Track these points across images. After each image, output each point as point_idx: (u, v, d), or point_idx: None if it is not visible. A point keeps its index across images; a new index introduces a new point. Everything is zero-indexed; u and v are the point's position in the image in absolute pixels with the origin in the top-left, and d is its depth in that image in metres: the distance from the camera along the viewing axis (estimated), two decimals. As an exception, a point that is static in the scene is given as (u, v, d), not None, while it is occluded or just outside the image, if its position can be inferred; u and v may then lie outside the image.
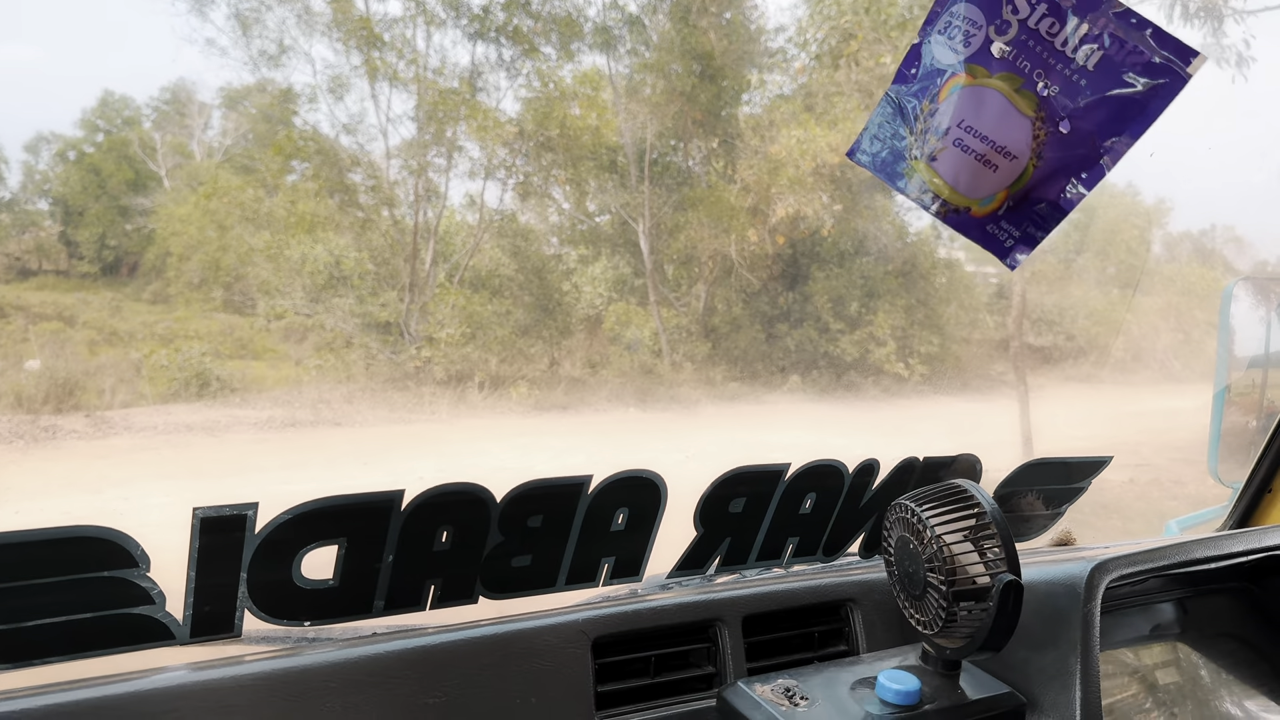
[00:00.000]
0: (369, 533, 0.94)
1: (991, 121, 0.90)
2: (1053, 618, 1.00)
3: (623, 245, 11.32)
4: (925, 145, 0.94)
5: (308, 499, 0.91)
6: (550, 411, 9.90)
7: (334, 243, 10.26)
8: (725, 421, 9.98)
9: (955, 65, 0.92)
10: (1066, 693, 0.96)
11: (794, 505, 1.19)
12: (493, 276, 10.98)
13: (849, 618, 1.16)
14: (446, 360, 10.08)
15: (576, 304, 11.21)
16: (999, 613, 0.88)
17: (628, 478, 1.05)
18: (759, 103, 11.48)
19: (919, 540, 0.94)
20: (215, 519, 0.86)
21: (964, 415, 10.59)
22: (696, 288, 11.37)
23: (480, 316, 10.45)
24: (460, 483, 0.97)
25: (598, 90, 11.10)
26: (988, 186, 0.93)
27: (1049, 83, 0.89)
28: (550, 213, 11.68)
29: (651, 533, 1.09)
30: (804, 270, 11.45)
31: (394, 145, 10.60)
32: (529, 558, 1.03)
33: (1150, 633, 1.24)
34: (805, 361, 11.15)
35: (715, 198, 11.08)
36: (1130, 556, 1.05)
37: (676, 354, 10.95)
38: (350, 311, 10.13)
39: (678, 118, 11.16)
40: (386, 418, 9.34)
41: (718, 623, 1.06)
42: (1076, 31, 0.86)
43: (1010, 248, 0.96)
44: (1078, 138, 0.89)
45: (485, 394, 9.99)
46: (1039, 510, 1.41)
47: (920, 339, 11.37)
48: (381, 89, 10.25)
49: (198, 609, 0.89)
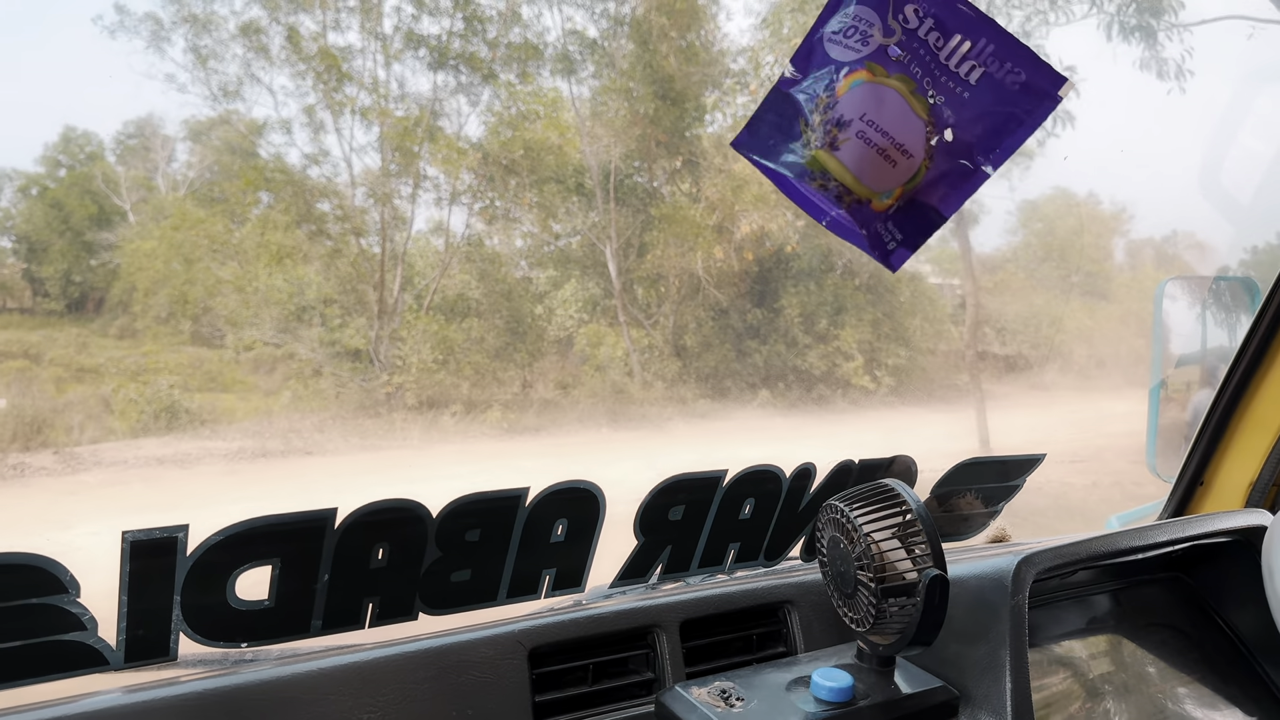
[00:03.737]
0: (303, 552, 0.93)
1: (891, 118, 0.92)
2: (983, 612, 1.01)
3: (591, 267, 11.37)
4: (825, 135, 0.95)
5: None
6: (523, 434, 9.90)
7: (300, 272, 10.22)
8: (697, 438, 10.03)
9: (855, 62, 0.93)
10: (998, 684, 0.97)
11: (733, 511, 1.19)
12: (462, 301, 10.98)
13: (786, 619, 1.16)
14: (418, 386, 10.07)
15: (547, 326, 11.23)
16: (926, 607, 0.89)
17: (565, 489, 1.05)
18: (722, 123, 11.61)
19: (849, 540, 0.95)
20: (145, 543, 0.85)
21: (931, 425, 10.70)
22: (665, 307, 11.43)
23: (451, 341, 10.46)
24: (395, 499, 0.96)
25: (560, 113, 11.18)
26: (887, 181, 0.95)
27: (935, 92, 0.91)
28: (518, 236, 11.74)
29: (592, 543, 1.09)
30: (771, 286, 11.55)
31: (359, 173, 10.63)
32: (468, 572, 1.03)
33: (1086, 625, 1.26)
34: (774, 376, 11.23)
35: (681, 216, 11.17)
36: (1056, 550, 1.07)
37: (647, 373, 10.99)
38: (320, 340, 10.09)
39: (641, 139, 11.25)
40: (358, 445, 9.30)
41: (655, 629, 1.06)
42: (959, 48, 0.89)
43: (893, 250, 0.98)
44: (959, 148, 0.92)
45: (458, 419, 9.96)
46: (977, 509, 1.42)
47: (887, 352, 11.50)
48: (344, 119, 10.28)
49: (131, 634, 0.87)
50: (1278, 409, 1.54)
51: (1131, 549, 1.14)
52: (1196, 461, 1.64)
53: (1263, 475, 1.58)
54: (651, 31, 10.93)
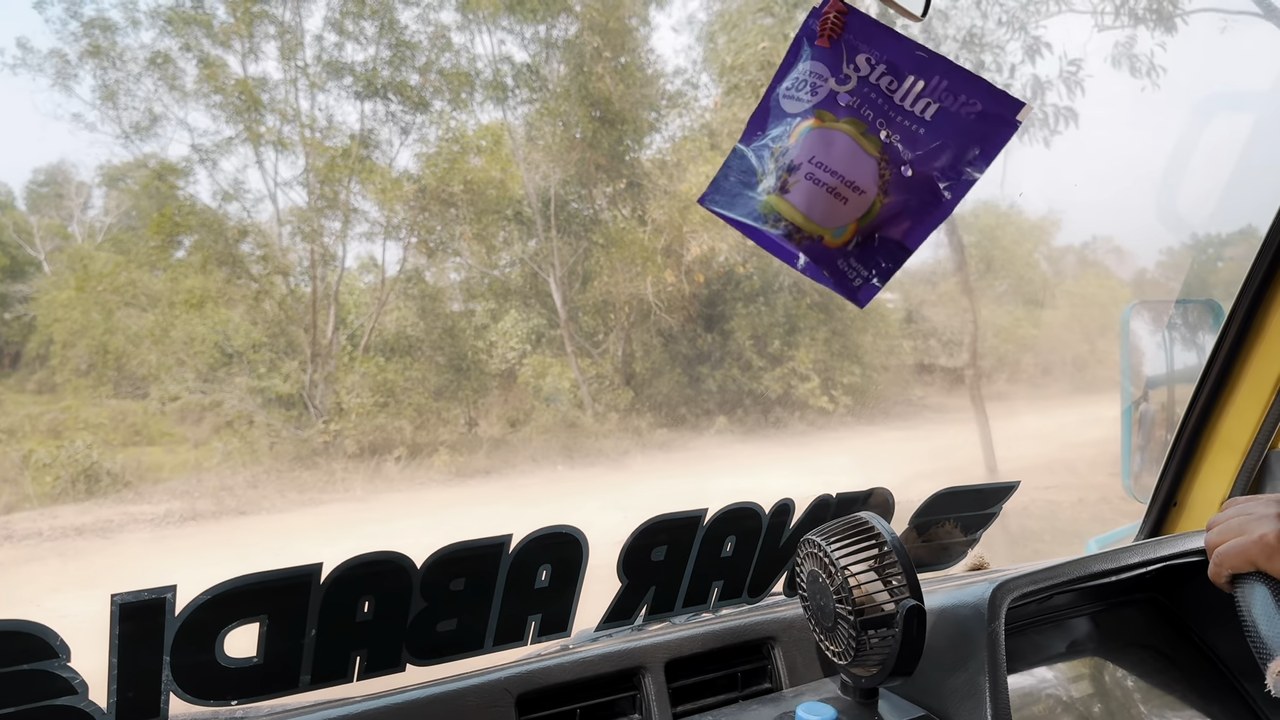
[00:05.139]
0: (289, 608, 0.99)
1: (840, 158, 1.01)
2: (962, 640, 1.10)
3: (535, 296, 11.40)
4: (777, 182, 1.04)
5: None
6: (473, 478, 9.83)
7: (223, 316, 10.12)
8: (658, 471, 10.04)
9: (805, 111, 1.03)
10: (978, 711, 1.04)
11: (715, 549, 1.28)
12: (400, 339, 10.93)
13: (770, 655, 1.24)
14: (358, 432, 9.97)
15: (491, 361, 11.20)
16: (905, 638, 0.97)
17: (548, 534, 1.13)
18: (662, 144, 11.81)
19: (827, 574, 1.03)
20: (134, 605, 0.91)
21: (896, 444, 10.88)
22: (613, 335, 11.49)
23: (391, 383, 10.39)
24: (378, 551, 1.03)
25: (499, 143, 11.25)
26: (839, 218, 1.03)
27: (890, 131, 1.01)
28: (458, 269, 11.71)
29: (576, 587, 1.17)
30: (722, 309, 11.69)
31: (284, 210, 10.56)
32: (454, 622, 1.09)
33: (1066, 649, 1.36)
34: (730, 402, 11.33)
35: (627, 240, 11.28)
36: (1030, 575, 1.16)
37: (599, 404, 11.01)
38: (248, 389, 9.96)
39: (580, 164, 11.37)
40: (296, 501, 9.13)
41: (641, 670, 1.14)
42: (913, 89, 0.99)
43: (859, 287, 1.06)
44: (919, 181, 1.01)
45: (403, 465, 9.87)
46: (955, 538, 1.53)
47: (842, 370, 11.70)
48: (266, 153, 10.24)
49: (122, 696, 0.93)
50: (1244, 428, 1.66)
51: (1104, 572, 1.24)
52: (1169, 483, 1.76)
53: (1233, 493, 1.68)
54: (585, 53, 11.10)
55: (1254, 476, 1.65)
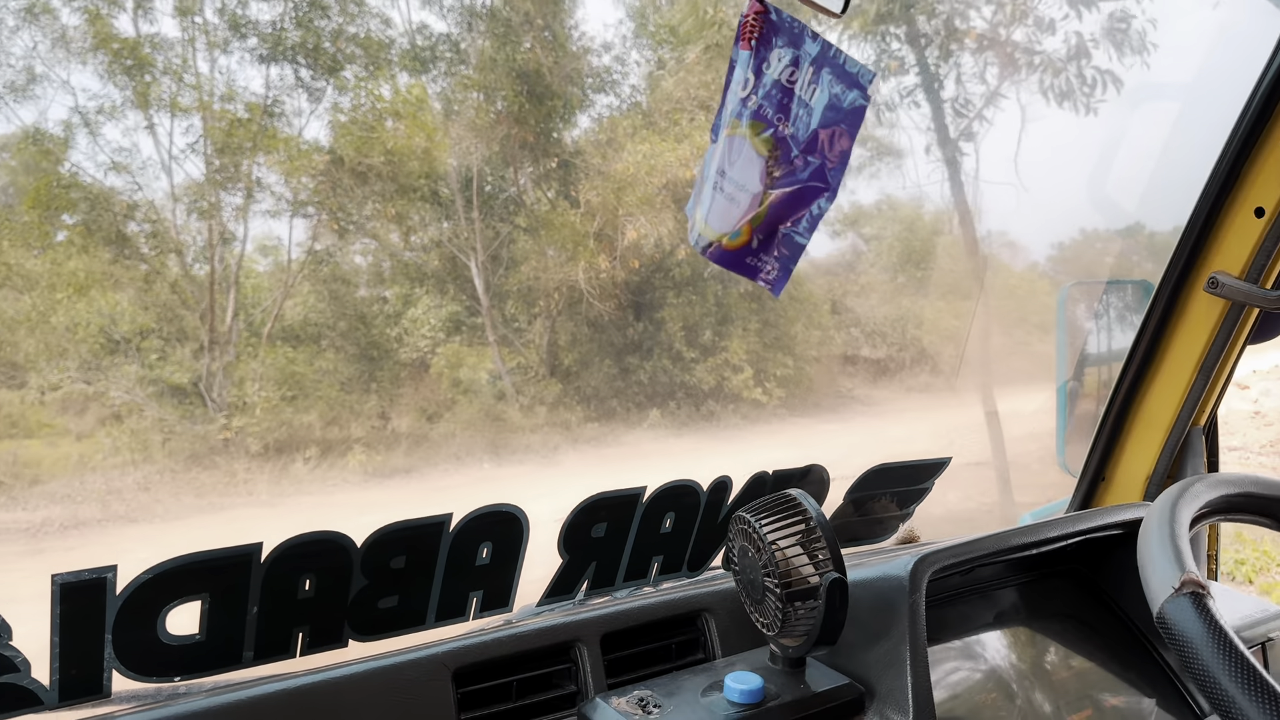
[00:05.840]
0: (231, 586, 1.08)
1: (738, 165, 1.17)
2: (885, 611, 1.22)
3: (453, 281, 11.31)
4: (701, 197, 1.22)
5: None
6: (393, 478, 9.71)
7: (111, 300, 9.88)
8: (593, 469, 10.00)
9: (725, 121, 1.18)
10: (900, 680, 1.17)
11: (655, 525, 1.41)
12: (308, 327, 10.67)
13: (704, 627, 1.36)
14: (262, 428, 9.71)
15: (408, 351, 11.04)
16: (828, 609, 1.10)
17: (488, 513, 1.24)
18: (595, 119, 11.84)
19: (756, 549, 1.15)
20: (74, 585, 0.99)
21: (834, 437, 11.12)
22: (539, 323, 11.43)
23: (300, 375, 10.15)
24: (319, 531, 1.13)
25: (422, 107, 11.07)
26: (731, 221, 1.19)
27: (786, 123, 1.15)
28: (372, 251, 11.55)
29: (517, 564, 1.28)
30: (652, 297, 11.76)
31: (180, 185, 10.33)
32: (395, 598, 1.19)
33: (993, 619, 1.50)
34: (662, 394, 11.38)
35: (557, 223, 11.28)
36: (952, 549, 1.31)
37: (524, 397, 10.95)
38: (139, 377, 9.72)
39: (506, 141, 11.32)
40: (194, 505, 8.82)
41: (577, 643, 1.25)
42: (804, 73, 1.13)
43: (772, 278, 1.23)
44: (805, 166, 1.16)
45: (313, 464, 9.72)
46: (890, 511, 1.69)
47: (775, 361, 11.87)
48: (160, 120, 10.01)
49: (65, 673, 1.01)
50: (1167, 406, 1.85)
51: (1025, 545, 1.39)
52: (1097, 458, 1.96)
53: (1158, 469, 1.89)
54: (512, 21, 11.07)
55: (1176, 452, 1.84)
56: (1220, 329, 1.73)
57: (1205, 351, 1.77)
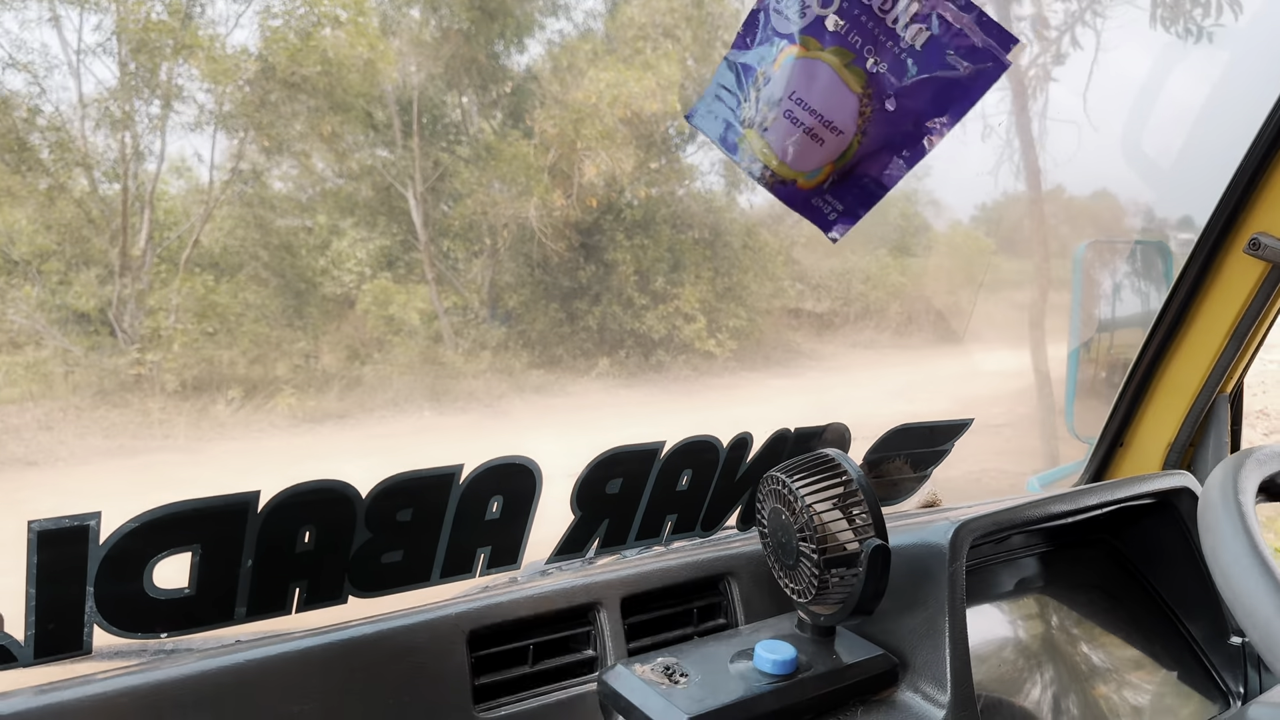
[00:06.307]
0: (225, 537, 1.04)
1: (821, 95, 1.08)
2: (921, 579, 1.22)
3: (388, 213, 10.96)
4: (758, 114, 1.11)
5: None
6: (325, 423, 9.44)
7: (5, 217, 9.45)
8: (543, 420, 9.89)
9: (791, 35, 1.08)
10: (937, 651, 1.17)
11: (671, 483, 1.38)
12: (230, 255, 10.21)
13: (727, 591, 1.35)
14: (180, 364, 9.30)
15: (342, 287, 10.67)
16: (869, 577, 1.08)
17: (501, 465, 1.20)
18: (552, 41, 11.58)
19: (790, 511, 1.13)
20: (54, 532, 0.95)
21: (793, 395, 11.19)
22: (480, 261, 11.20)
23: (221, 306, 9.74)
24: (321, 480, 1.09)
25: (363, 10, 10.40)
26: (814, 160, 1.11)
27: (878, 59, 1.07)
28: (303, 174, 11.13)
29: (528, 520, 1.25)
30: (600, 239, 11.63)
31: (89, 91, 9.82)
32: (400, 553, 1.16)
33: (1015, 587, 1.52)
34: (611, 342, 11.31)
35: (508, 154, 11.03)
36: (992, 516, 1.30)
37: (466, 340, 10.82)
38: (38, 303, 9.31)
39: (454, 60, 11.01)
40: (102, 448, 8.44)
41: (596, 606, 1.23)
42: (907, 10, 1.04)
43: (834, 221, 1.16)
44: (902, 116, 1.09)
45: (237, 407, 9.41)
46: (907, 474, 1.69)
47: (728, 312, 11.89)
48: (67, 13, 9.41)
49: (41, 628, 0.96)
50: (1193, 372, 1.87)
51: (1062, 513, 1.39)
52: (1118, 423, 1.98)
53: (1180, 436, 1.92)
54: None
55: (1200, 420, 1.86)
56: (1259, 293, 1.74)
57: (1240, 316, 1.77)
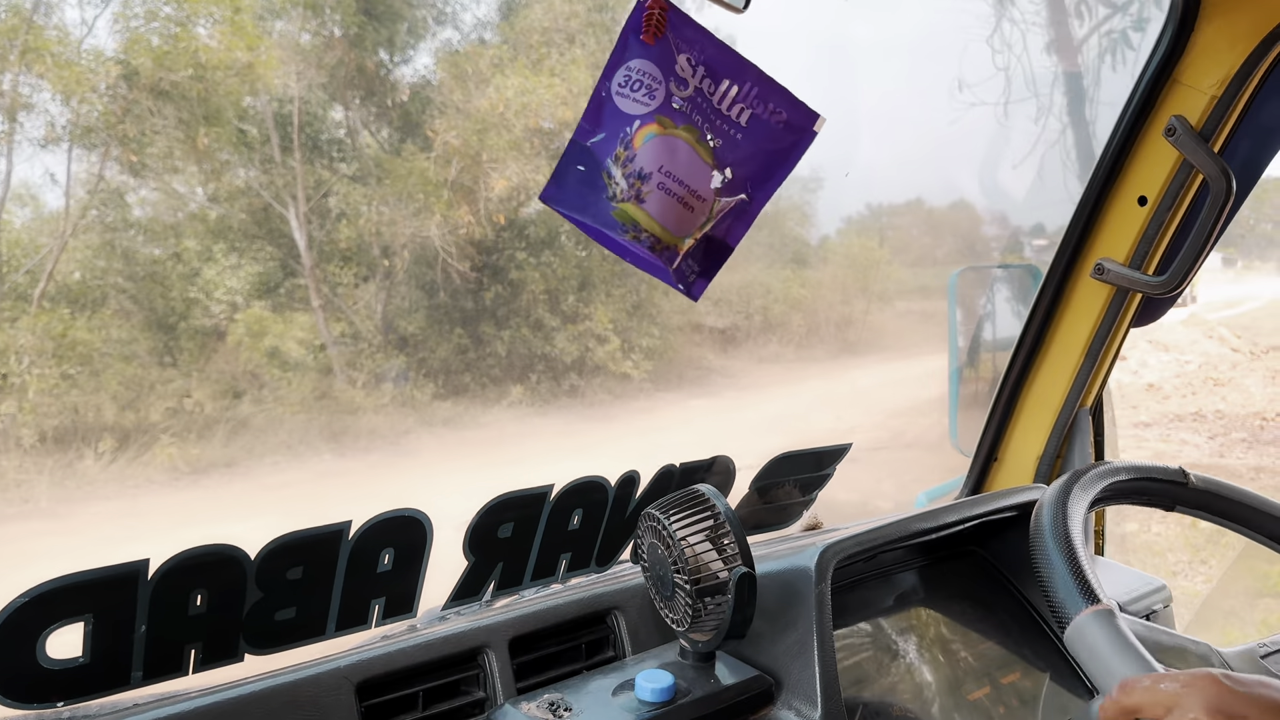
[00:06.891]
0: (116, 604, 1.13)
1: (684, 168, 1.27)
2: (792, 601, 1.37)
3: (268, 236, 10.72)
4: (629, 188, 1.28)
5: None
6: (211, 473, 8.97)
7: None
8: (456, 457, 9.66)
9: (646, 115, 1.26)
10: (807, 669, 1.32)
11: (562, 523, 1.52)
12: (91, 289, 9.60)
13: (614, 625, 1.50)
14: (38, 415, 8.67)
15: (211, 318, 10.26)
16: (736, 603, 1.24)
17: (390, 518, 1.32)
18: (450, 48, 11.52)
19: (665, 545, 1.28)
20: None
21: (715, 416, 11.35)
22: (376, 285, 11.10)
23: (84, 345, 9.13)
24: (210, 544, 1.18)
25: (240, 10, 9.85)
26: (689, 226, 1.31)
27: (714, 136, 1.28)
28: (173, 196, 10.47)
29: (421, 569, 1.37)
30: (497, 259, 11.60)
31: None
32: (293, 610, 1.26)
33: (895, 602, 1.67)
34: (520, 367, 11.34)
35: (403, 169, 10.90)
36: (856, 537, 1.46)
37: (360, 372, 10.66)
38: None
39: (339, 68, 10.82)
40: None
41: (485, 648, 1.35)
42: (729, 93, 1.26)
43: (693, 282, 1.37)
44: (738, 185, 1.30)
45: (108, 459, 8.82)
46: (794, 498, 1.87)
47: (640, 331, 12.03)
48: None
49: None
50: (1055, 388, 2.13)
51: (925, 530, 1.57)
52: (990, 439, 2.23)
53: (1047, 449, 2.17)
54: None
55: (1065, 433, 2.10)
56: (1106, 313, 2.02)
57: (1092, 335, 2.05)
